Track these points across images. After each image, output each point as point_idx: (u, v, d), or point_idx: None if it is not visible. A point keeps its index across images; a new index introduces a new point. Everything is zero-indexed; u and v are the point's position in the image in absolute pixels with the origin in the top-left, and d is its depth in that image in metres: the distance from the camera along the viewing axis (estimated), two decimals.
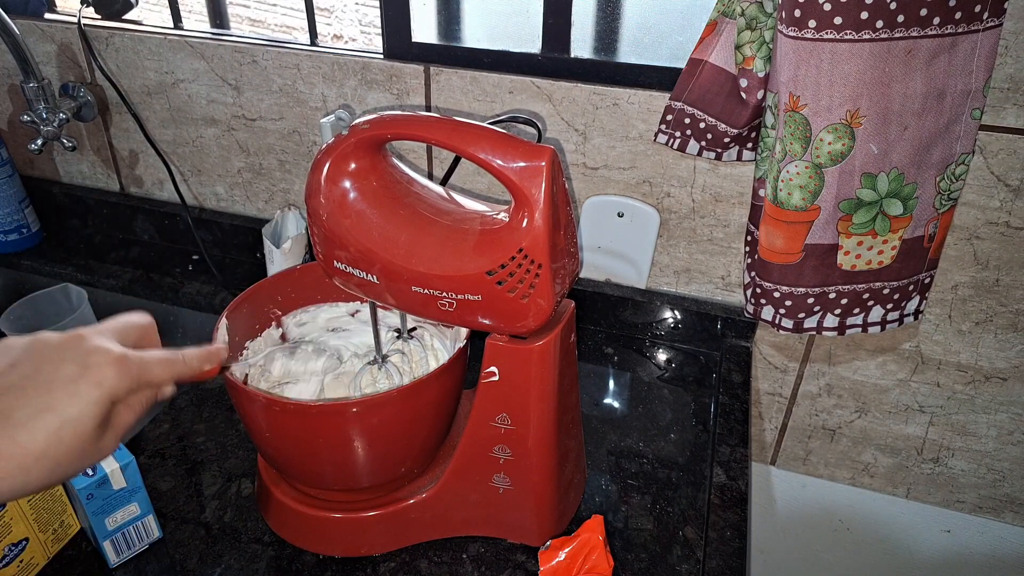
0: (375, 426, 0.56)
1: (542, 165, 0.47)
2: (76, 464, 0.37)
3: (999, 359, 0.82)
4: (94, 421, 0.37)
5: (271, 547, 0.63)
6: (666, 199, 0.84)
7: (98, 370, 0.37)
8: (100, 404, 0.37)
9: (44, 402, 0.35)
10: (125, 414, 0.40)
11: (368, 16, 1.03)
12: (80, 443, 0.36)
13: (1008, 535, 0.94)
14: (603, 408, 0.81)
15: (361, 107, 0.90)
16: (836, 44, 0.57)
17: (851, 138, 0.61)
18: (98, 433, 0.37)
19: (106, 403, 0.37)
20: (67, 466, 0.37)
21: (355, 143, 0.51)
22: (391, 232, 0.52)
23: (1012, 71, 0.67)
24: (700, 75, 0.71)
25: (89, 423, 0.37)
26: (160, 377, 0.41)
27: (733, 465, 0.71)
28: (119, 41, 0.95)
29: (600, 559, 0.59)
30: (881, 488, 0.96)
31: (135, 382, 0.39)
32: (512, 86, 0.82)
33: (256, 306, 0.65)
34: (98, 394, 0.37)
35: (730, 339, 0.88)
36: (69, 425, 0.36)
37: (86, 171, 1.10)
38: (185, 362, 0.43)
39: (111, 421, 0.39)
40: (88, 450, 0.37)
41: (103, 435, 0.38)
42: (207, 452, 0.72)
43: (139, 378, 0.39)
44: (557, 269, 0.50)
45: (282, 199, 1.01)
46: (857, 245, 0.66)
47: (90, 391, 0.37)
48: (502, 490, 0.60)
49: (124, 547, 0.60)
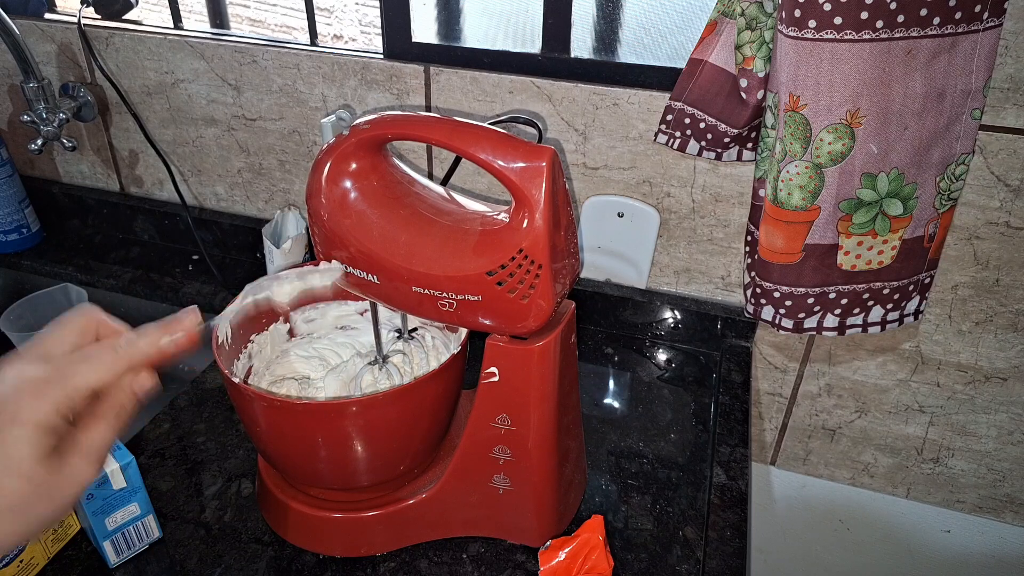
0: (374, 425, 0.56)
1: (542, 166, 0.47)
2: (46, 503, 0.34)
3: (999, 359, 0.82)
4: (32, 459, 0.33)
5: (271, 547, 0.63)
6: (666, 199, 0.84)
7: (8, 405, 0.34)
8: (28, 439, 0.33)
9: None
10: (93, 428, 0.36)
11: (368, 16, 1.03)
12: (30, 484, 0.33)
13: (1008, 535, 0.94)
14: (603, 408, 0.81)
15: (361, 107, 0.90)
16: (836, 44, 0.57)
17: (851, 138, 0.61)
18: (51, 465, 0.34)
19: (35, 434, 0.33)
20: (34, 509, 0.34)
21: (356, 143, 0.51)
22: (391, 232, 0.52)
23: (1012, 71, 0.67)
24: (700, 75, 0.71)
25: (26, 462, 0.33)
26: (97, 378, 0.36)
27: (733, 465, 0.72)
28: (119, 41, 0.95)
29: (600, 559, 0.59)
30: (881, 488, 0.96)
31: (63, 399, 0.34)
32: (512, 86, 0.82)
33: (263, 300, 0.65)
34: (20, 431, 0.33)
35: (730, 339, 0.88)
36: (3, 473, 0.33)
37: (86, 171, 1.10)
38: (128, 348, 0.37)
39: (69, 444, 0.35)
40: (48, 485, 0.34)
41: (63, 463, 0.35)
42: (207, 452, 0.72)
43: (65, 393, 0.35)
44: (557, 270, 0.50)
45: (282, 199, 1.01)
46: (857, 245, 0.66)
47: (8, 430, 0.33)
48: (502, 490, 0.60)
49: (124, 547, 0.60)
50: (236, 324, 0.61)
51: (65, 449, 0.35)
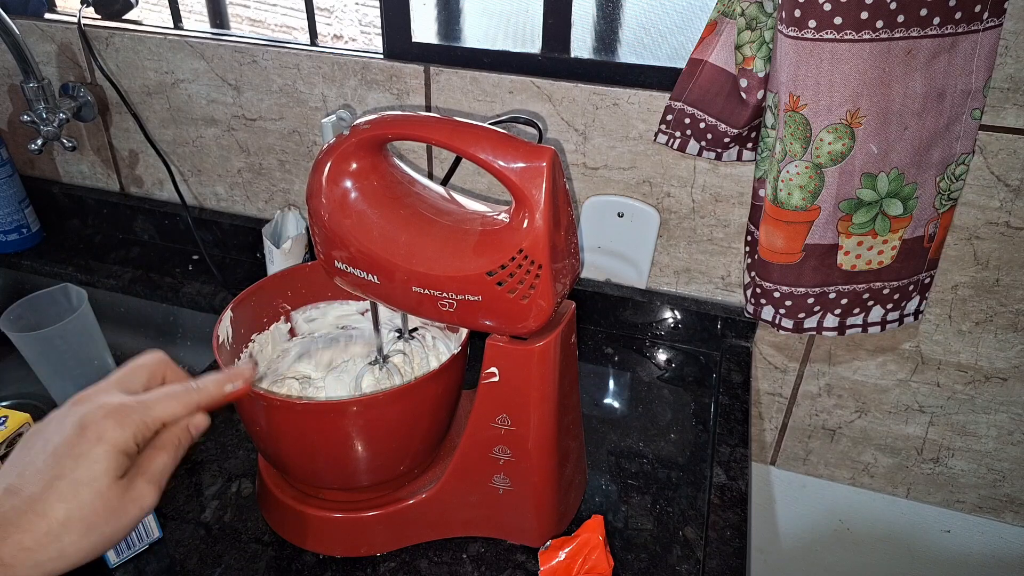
0: (375, 425, 0.56)
1: (543, 166, 0.47)
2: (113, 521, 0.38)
3: (999, 359, 0.82)
4: (108, 476, 0.37)
5: (271, 547, 0.63)
6: (666, 199, 0.84)
7: (95, 426, 0.38)
8: (108, 458, 0.37)
9: (53, 472, 0.37)
10: (156, 458, 0.40)
11: (368, 16, 1.03)
12: (103, 500, 0.37)
13: (1008, 535, 0.94)
14: (603, 408, 0.81)
15: (361, 107, 0.90)
16: (836, 44, 0.57)
17: (851, 138, 0.61)
18: (122, 486, 0.38)
19: (115, 455, 0.38)
20: (103, 525, 0.37)
21: (356, 143, 0.51)
22: (392, 232, 0.52)
23: (1012, 71, 0.67)
24: (700, 75, 0.71)
25: (104, 479, 0.37)
26: (171, 413, 0.41)
27: (733, 465, 0.72)
28: (119, 41, 0.95)
29: (600, 559, 0.59)
30: (881, 488, 0.96)
31: (141, 426, 0.39)
32: (512, 86, 0.82)
33: (264, 300, 0.65)
34: (102, 450, 0.37)
35: (730, 339, 0.88)
36: (83, 486, 0.37)
37: (86, 171, 1.10)
38: (199, 391, 0.43)
39: (137, 470, 0.39)
40: (116, 504, 0.38)
41: (131, 486, 0.39)
42: (207, 452, 0.72)
43: (143, 422, 0.39)
44: (558, 270, 0.50)
45: (282, 199, 1.01)
46: (857, 245, 0.66)
47: (92, 448, 0.37)
48: (502, 491, 0.60)
49: (124, 547, 0.60)
50: (235, 319, 0.61)
51: (134, 473, 0.39)
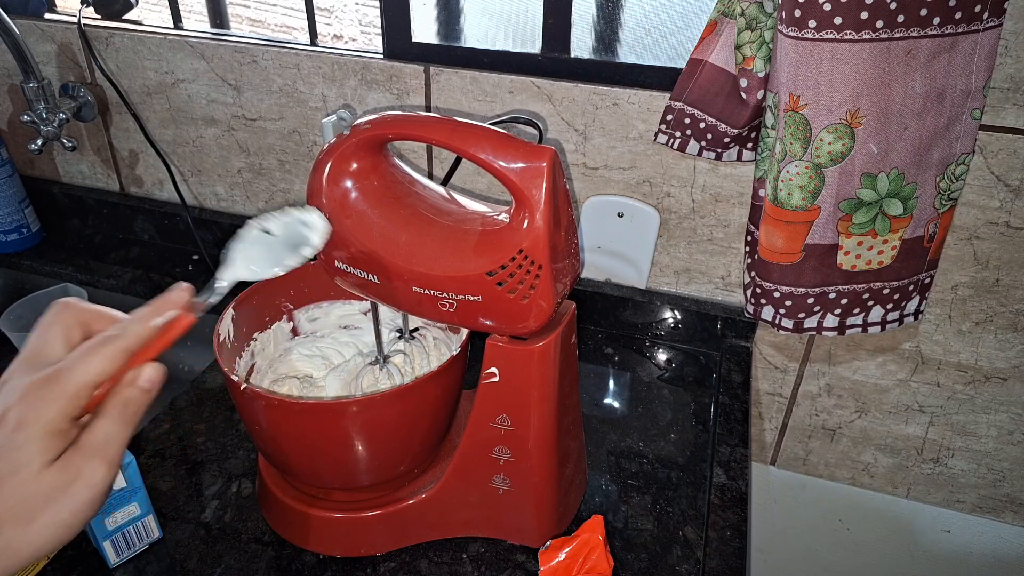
0: (375, 425, 0.56)
1: (543, 166, 0.47)
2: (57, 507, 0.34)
3: (999, 359, 0.82)
4: (37, 461, 0.33)
5: (271, 547, 0.63)
6: (666, 199, 0.84)
7: (13, 413, 0.34)
8: (33, 442, 0.33)
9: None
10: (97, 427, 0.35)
11: (368, 16, 1.02)
12: (35, 487, 0.33)
13: (1008, 535, 0.94)
14: (603, 408, 0.81)
15: (361, 107, 0.90)
16: (836, 44, 0.57)
17: (851, 138, 0.61)
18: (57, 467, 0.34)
19: (41, 438, 0.34)
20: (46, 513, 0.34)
21: (356, 143, 0.51)
22: (392, 232, 0.52)
23: (1012, 71, 0.67)
24: (700, 75, 0.71)
25: (32, 465, 0.33)
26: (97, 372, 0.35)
27: (733, 465, 0.72)
28: (119, 41, 0.95)
29: (600, 559, 0.59)
30: (881, 488, 0.96)
31: (66, 398, 0.34)
32: (512, 86, 0.82)
33: (266, 298, 0.65)
34: (23, 435, 0.33)
35: (730, 339, 0.88)
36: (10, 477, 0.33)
37: (86, 171, 1.10)
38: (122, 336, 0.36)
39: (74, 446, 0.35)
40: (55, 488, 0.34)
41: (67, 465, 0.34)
42: (207, 452, 0.72)
43: (66, 392, 0.34)
44: (558, 270, 0.50)
45: (282, 199, 1.01)
46: (857, 245, 0.66)
47: (13, 436, 0.33)
48: (502, 491, 0.60)
49: (124, 547, 0.60)
50: (237, 318, 0.61)
51: (71, 451, 0.35)
